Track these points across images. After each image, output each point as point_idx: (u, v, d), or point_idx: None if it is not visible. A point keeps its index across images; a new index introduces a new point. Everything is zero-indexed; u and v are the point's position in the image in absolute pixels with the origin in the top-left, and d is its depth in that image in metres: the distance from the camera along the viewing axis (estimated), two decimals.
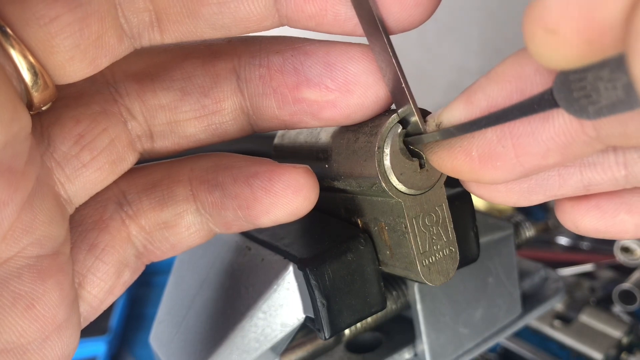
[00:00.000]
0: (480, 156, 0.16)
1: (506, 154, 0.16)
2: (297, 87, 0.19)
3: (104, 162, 0.19)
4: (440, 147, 0.17)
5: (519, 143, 0.15)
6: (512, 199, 0.18)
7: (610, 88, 0.12)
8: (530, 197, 0.18)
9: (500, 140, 0.16)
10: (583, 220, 0.18)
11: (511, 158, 0.16)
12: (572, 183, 0.18)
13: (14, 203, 0.16)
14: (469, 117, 0.16)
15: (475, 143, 0.16)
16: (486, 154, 0.16)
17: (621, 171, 0.17)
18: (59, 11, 0.15)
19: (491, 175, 0.16)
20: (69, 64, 0.16)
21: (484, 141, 0.16)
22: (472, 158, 0.17)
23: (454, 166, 0.17)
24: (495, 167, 0.16)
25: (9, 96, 0.15)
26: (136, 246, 0.21)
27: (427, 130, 0.18)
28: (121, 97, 0.20)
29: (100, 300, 0.20)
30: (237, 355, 0.25)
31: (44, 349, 0.18)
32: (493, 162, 0.16)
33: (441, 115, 0.17)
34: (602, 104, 0.12)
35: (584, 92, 0.12)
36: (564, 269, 0.51)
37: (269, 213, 0.20)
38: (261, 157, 0.21)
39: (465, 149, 0.17)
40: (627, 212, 0.18)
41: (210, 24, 0.17)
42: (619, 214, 0.18)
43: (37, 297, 0.17)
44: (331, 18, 0.18)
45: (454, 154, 0.17)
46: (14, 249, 0.16)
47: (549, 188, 0.18)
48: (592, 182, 0.17)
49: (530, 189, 0.18)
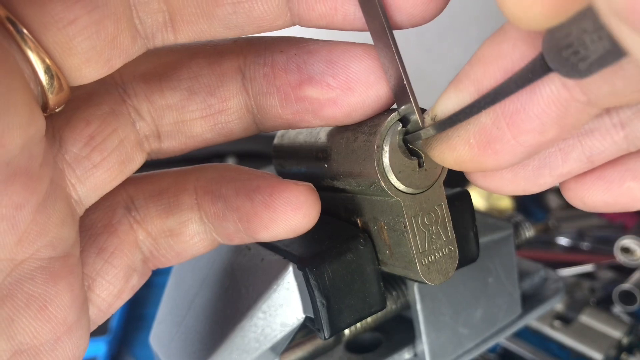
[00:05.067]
0: (478, 143, 0.16)
1: (503, 136, 0.16)
2: (299, 85, 0.19)
3: (113, 162, 0.19)
4: (439, 141, 0.17)
5: (513, 121, 0.15)
6: (520, 186, 0.18)
7: (597, 39, 0.12)
8: (538, 181, 0.18)
9: (495, 123, 0.16)
10: (590, 194, 0.18)
11: (509, 139, 0.16)
12: (575, 156, 0.17)
13: (30, 205, 0.16)
14: (461, 104, 0.16)
15: (471, 130, 0.16)
16: (484, 139, 0.16)
17: (619, 132, 0.16)
18: (77, 13, 0.15)
19: (493, 160, 0.16)
20: (85, 66, 0.16)
21: (480, 127, 0.16)
22: (471, 146, 0.16)
23: (456, 157, 0.17)
24: (495, 151, 0.16)
25: (27, 99, 0.15)
26: (143, 251, 0.21)
27: (424, 126, 0.18)
28: (129, 97, 0.20)
29: (108, 304, 0.20)
30: (237, 355, 0.25)
31: (56, 351, 0.18)
32: (492, 146, 0.16)
33: (435, 109, 0.17)
34: (591, 59, 0.12)
35: (572, 49, 0.12)
36: (564, 269, 0.51)
37: (268, 228, 0.20)
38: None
39: (463, 138, 0.17)
40: (633, 179, 0.17)
41: (224, 24, 0.18)
42: (625, 182, 0.17)
43: (49, 299, 0.17)
44: (341, 17, 0.18)
45: (454, 145, 0.17)
46: (28, 251, 0.17)
47: (553, 166, 0.18)
48: (593, 151, 0.17)
49: (535, 172, 0.18)
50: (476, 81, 0.16)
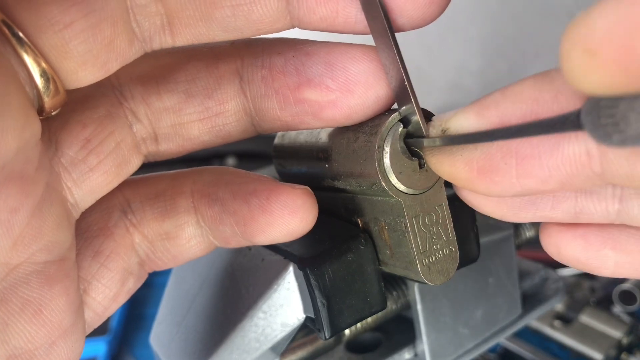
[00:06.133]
0: (480, 169, 0.16)
1: (507, 172, 0.16)
2: (298, 87, 0.19)
3: (110, 165, 0.19)
4: (440, 151, 0.17)
5: (523, 164, 0.15)
6: (501, 212, 0.18)
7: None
8: (519, 214, 0.18)
9: (504, 157, 0.16)
10: (567, 247, 0.18)
11: (511, 177, 0.16)
12: (565, 208, 0.17)
13: (25, 209, 0.16)
14: (478, 128, 0.16)
15: (477, 155, 0.16)
16: (487, 167, 0.16)
17: (615, 205, 0.17)
18: (74, 17, 0.15)
19: (487, 188, 0.16)
20: (81, 69, 0.16)
21: (487, 155, 0.16)
22: (471, 168, 0.16)
23: (452, 173, 0.17)
24: (493, 182, 0.16)
25: (22, 103, 0.15)
26: (139, 255, 0.21)
27: (431, 133, 0.18)
28: (126, 100, 0.20)
29: (104, 307, 0.20)
30: (237, 355, 0.25)
31: (51, 355, 0.18)
32: (492, 176, 0.16)
33: (449, 122, 0.17)
34: (628, 134, 0.12)
35: (613, 120, 0.12)
36: (564, 269, 0.51)
37: (265, 232, 0.20)
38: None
39: (467, 159, 0.16)
40: (612, 248, 0.17)
41: (222, 27, 0.17)
42: (604, 249, 0.18)
43: (44, 303, 0.17)
44: (342, 20, 0.18)
45: (454, 161, 0.17)
46: (23, 255, 0.16)
47: (540, 208, 0.18)
48: (584, 210, 0.17)
49: (522, 206, 0.18)
50: (504, 114, 0.15)
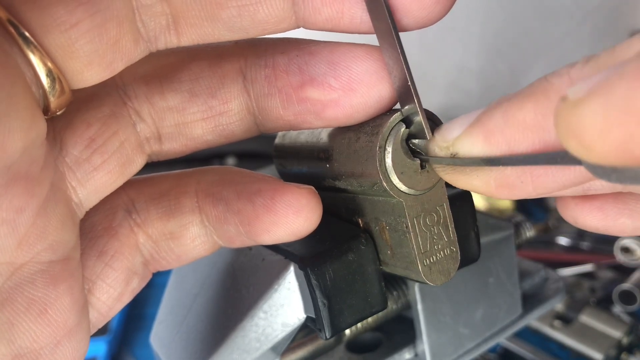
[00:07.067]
0: (498, 186, 0.16)
1: (524, 188, 0.16)
2: (301, 86, 0.19)
3: (114, 164, 0.19)
4: (455, 171, 0.17)
5: (539, 181, 0.16)
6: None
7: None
8: (527, 189, 0.19)
9: (520, 177, 0.16)
10: (585, 219, 0.19)
11: (529, 191, 0.16)
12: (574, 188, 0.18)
13: (30, 209, 0.16)
14: (488, 155, 0.16)
15: (494, 175, 0.16)
16: (504, 184, 0.16)
17: None
18: (80, 17, 0.15)
19: (506, 196, 0.17)
20: (87, 69, 0.16)
21: (503, 175, 0.16)
22: (489, 186, 0.17)
23: (470, 187, 0.17)
24: (512, 193, 0.16)
25: (28, 103, 0.15)
26: (143, 254, 0.21)
27: (436, 152, 0.17)
28: (130, 99, 0.20)
29: (108, 307, 0.20)
30: (237, 355, 0.25)
31: (56, 354, 0.18)
32: (510, 190, 0.16)
33: (456, 146, 0.17)
34: (626, 175, 0.12)
35: (617, 173, 0.12)
36: (564, 269, 0.51)
37: (270, 231, 0.20)
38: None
39: (484, 179, 0.17)
40: (629, 217, 0.18)
41: (228, 27, 0.17)
42: (621, 218, 0.18)
43: (49, 302, 0.17)
44: (347, 20, 0.18)
45: (470, 180, 0.17)
46: (28, 255, 0.16)
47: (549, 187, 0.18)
48: (591, 186, 0.18)
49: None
50: (512, 143, 0.15)
